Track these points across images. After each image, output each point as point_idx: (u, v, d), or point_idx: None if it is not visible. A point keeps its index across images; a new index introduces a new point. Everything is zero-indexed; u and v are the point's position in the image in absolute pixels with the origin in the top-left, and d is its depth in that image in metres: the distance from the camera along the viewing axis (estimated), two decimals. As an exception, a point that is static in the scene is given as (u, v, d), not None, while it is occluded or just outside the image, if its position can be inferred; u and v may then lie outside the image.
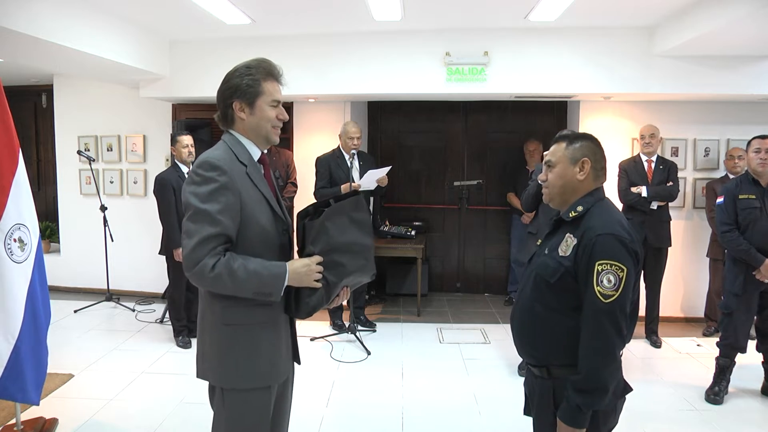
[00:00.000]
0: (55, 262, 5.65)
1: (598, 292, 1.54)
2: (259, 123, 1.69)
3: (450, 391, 3.55)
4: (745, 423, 3.14)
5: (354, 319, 4.50)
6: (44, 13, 3.28)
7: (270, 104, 1.69)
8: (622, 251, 1.57)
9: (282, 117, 1.73)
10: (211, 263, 1.54)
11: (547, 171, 1.77)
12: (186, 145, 4.19)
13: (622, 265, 1.55)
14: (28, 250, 2.66)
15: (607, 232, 1.59)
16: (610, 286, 1.54)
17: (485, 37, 4.36)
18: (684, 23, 3.73)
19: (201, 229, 1.55)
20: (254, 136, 1.72)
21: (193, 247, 1.55)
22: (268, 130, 1.72)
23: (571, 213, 1.69)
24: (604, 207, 1.69)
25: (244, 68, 1.69)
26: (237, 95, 1.67)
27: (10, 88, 5.42)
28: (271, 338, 1.70)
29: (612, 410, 1.68)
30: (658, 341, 4.38)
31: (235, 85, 1.67)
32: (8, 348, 2.55)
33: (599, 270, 1.55)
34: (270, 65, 1.71)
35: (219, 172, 1.58)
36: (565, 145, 1.73)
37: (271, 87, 1.69)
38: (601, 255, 1.56)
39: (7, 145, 2.59)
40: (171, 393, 3.47)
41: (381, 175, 4.47)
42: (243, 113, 1.69)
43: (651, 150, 4.34)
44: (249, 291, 1.58)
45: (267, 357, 1.69)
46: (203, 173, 1.59)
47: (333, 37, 4.50)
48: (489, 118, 5.78)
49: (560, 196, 1.74)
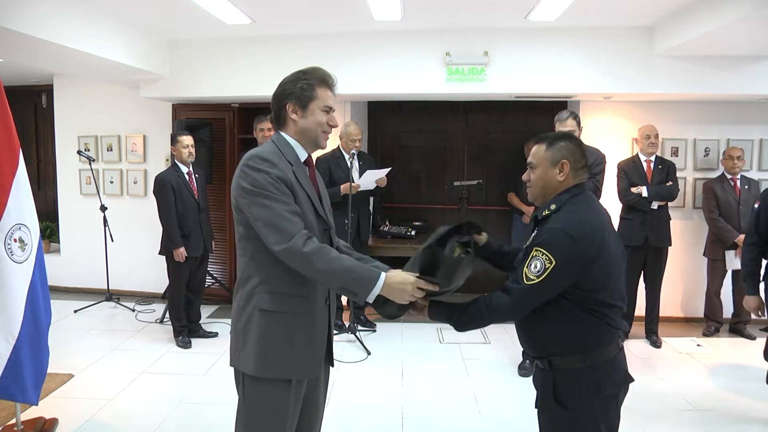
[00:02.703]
0: (55, 262, 5.64)
1: (525, 272, 1.65)
2: (310, 126, 1.75)
3: (450, 391, 3.55)
4: (744, 423, 3.14)
5: (354, 319, 4.50)
6: (44, 13, 3.28)
7: (322, 109, 1.75)
8: (560, 246, 1.63)
9: (333, 123, 1.79)
10: (302, 239, 1.59)
11: (529, 172, 1.84)
12: (186, 145, 4.19)
13: (552, 257, 1.61)
14: (29, 250, 2.66)
15: (560, 227, 1.66)
16: (535, 271, 1.63)
17: (485, 37, 4.36)
18: (684, 23, 3.73)
19: (274, 206, 1.60)
20: (304, 139, 1.77)
21: (277, 226, 1.59)
22: (318, 134, 1.77)
23: (545, 211, 1.76)
24: (577, 204, 1.74)
25: (300, 73, 1.76)
26: (291, 98, 1.73)
27: (10, 88, 5.41)
28: (304, 333, 1.72)
29: (613, 399, 1.72)
30: (658, 341, 4.38)
31: (290, 88, 1.74)
32: (8, 348, 2.55)
33: (533, 255, 1.66)
34: (325, 73, 1.77)
35: (269, 164, 1.64)
36: (545, 147, 1.79)
37: (324, 93, 1.75)
38: (540, 243, 1.66)
39: (8, 145, 2.59)
40: (171, 393, 3.47)
41: (380, 176, 4.47)
42: (296, 115, 1.74)
43: (654, 150, 4.35)
44: (337, 283, 1.64)
45: (296, 350, 1.70)
46: (254, 165, 1.64)
47: (333, 37, 4.50)
48: (489, 118, 5.77)
49: (542, 197, 1.82)
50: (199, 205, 4.27)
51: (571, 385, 1.70)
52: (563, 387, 1.71)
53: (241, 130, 5.26)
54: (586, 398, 1.68)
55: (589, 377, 1.69)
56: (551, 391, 1.73)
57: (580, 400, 1.69)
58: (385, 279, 1.64)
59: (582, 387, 1.69)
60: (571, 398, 1.70)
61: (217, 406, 3.28)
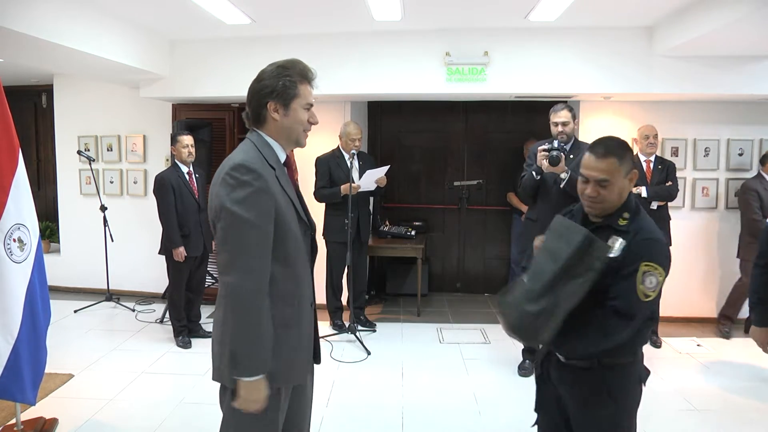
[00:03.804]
0: (55, 262, 5.64)
1: (640, 290, 1.65)
2: (293, 125, 1.68)
3: (450, 391, 3.55)
4: (744, 423, 3.14)
5: (354, 319, 4.50)
6: (45, 13, 3.28)
7: (304, 107, 1.68)
8: (664, 257, 1.71)
9: (313, 120, 1.72)
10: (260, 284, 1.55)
11: (596, 187, 1.75)
12: (186, 145, 4.19)
13: (663, 270, 1.67)
14: (28, 250, 2.66)
15: (655, 238, 1.71)
16: (651, 287, 1.65)
17: (485, 37, 4.36)
18: (684, 23, 3.73)
19: (240, 236, 1.54)
20: (284, 138, 1.70)
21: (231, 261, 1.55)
22: (299, 133, 1.70)
23: (620, 221, 1.76)
24: (639, 208, 1.80)
25: (281, 68, 1.66)
26: (273, 96, 1.64)
27: (10, 88, 5.42)
28: (292, 341, 1.68)
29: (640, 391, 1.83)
30: (658, 341, 4.38)
31: (271, 85, 1.64)
32: (8, 348, 2.55)
33: (646, 271, 1.65)
34: (305, 67, 1.69)
35: (255, 175, 1.56)
36: (617, 161, 1.74)
37: (306, 90, 1.68)
38: (649, 258, 1.66)
39: (7, 145, 2.59)
40: (171, 393, 3.47)
41: (380, 175, 4.47)
42: (277, 114, 1.66)
43: (654, 150, 4.35)
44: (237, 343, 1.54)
45: (284, 359, 1.65)
46: (240, 177, 1.56)
47: (333, 37, 4.50)
48: (489, 118, 5.78)
49: (611, 209, 1.78)
50: (199, 204, 4.27)
51: (621, 380, 1.77)
52: (614, 382, 1.76)
53: (241, 130, 5.26)
54: (632, 390, 1.78)
55: (635, 370, 1.78)
56: (603, 387, 1.77)
57: (627, 393, 1.77)
58: (257, 381, 1.55)
59: (630, 380, 1.77)
60: (622, 392, 1.77)
61: (216, 406, 3.24)
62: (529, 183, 3.60)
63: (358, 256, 4.60)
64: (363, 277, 4.80)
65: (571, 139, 3.63)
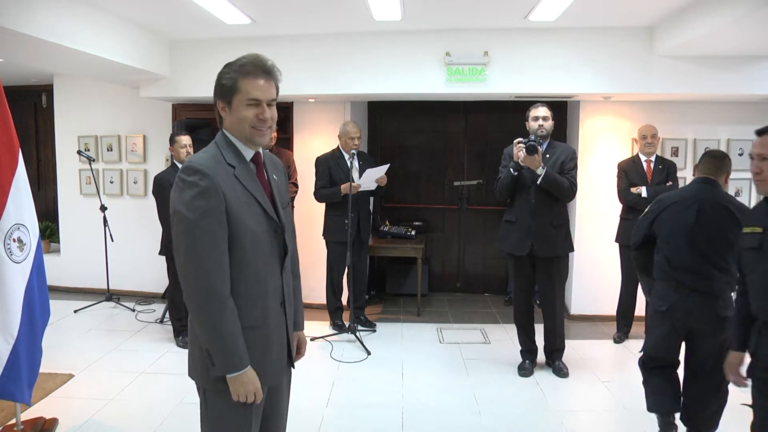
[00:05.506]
0: (55, 262, 5.65)
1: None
2: (237, 123, 1.62)
3: (450, 391, 3.55)
4: (744, 423, 3.13)
5: (354, 319, 4.50)
6: (44, 13, 3.28)
7: (246, 103, 1.60)
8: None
9: (262, 117, 1.61)
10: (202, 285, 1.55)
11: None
12: (184, 145, 4.18)
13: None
14: (27, 250, 2.66)
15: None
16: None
17: (485, 37, 4.36)
18: (684, 23, 3.73)
19: (187, 238, 1.54)
20: (239, 137, 1.65)
21: (183, 264, 1.57)
22: (246, 131, 1.62)
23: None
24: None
25: (226, 66, 1.65)
26: (218, 94, 1.64)
27: (10, 88, 5.43)
28: (260, 342, 1.66)
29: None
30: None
31: (218, 84, 1.64)
32: (8, 348, 2.55)
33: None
34: (249, 61, 1.63)
35: (200, 175, 1.54)
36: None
37: (249, 85, 1.60)
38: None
39: (7, 145, 2.59)
40: (171, 393, 3.47)
41: (380, 175, 4.47)
42: (224, 112, 1.65)
43: (652, 150, 4.34)
44: (209, 341, 1.56)
45: (254, 360, 1.62)
46: (185, 178, 1.56)
47: (333, 37, 4.50)
48: (489, 118, 5.78)
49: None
50: (199, 205, 4.26)
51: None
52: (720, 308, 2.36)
53: (240, 130, 5.26)
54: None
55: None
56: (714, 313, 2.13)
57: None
58: (241, 375, 1.56)
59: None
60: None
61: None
62: (507, 180, 3.61)
63: (359, 256, 4.61)
64: (363, 277, 4.80)
65: (548, 139, 3.67)
